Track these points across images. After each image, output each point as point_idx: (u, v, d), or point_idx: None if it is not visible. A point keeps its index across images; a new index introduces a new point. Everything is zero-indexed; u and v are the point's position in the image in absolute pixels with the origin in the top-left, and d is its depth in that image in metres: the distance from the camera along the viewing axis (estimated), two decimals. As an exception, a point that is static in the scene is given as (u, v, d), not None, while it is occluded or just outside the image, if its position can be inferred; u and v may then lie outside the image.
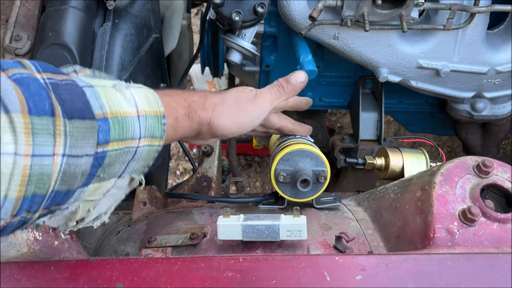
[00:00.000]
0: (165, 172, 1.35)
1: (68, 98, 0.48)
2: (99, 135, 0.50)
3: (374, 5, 0.89)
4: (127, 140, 0.54)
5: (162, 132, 0.58)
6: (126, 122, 0.54)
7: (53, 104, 0.46)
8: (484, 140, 1.31)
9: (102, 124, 0.51)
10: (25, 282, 0.56)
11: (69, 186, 0.49)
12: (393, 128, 2.16)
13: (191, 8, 1.53)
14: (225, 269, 0.56)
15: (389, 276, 0.55)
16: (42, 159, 0.45)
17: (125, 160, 0.55)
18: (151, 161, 0.59)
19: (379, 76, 1.06)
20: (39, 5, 0.87)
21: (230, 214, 0.66)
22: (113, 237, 0.80)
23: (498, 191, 0.65)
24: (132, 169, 0.57)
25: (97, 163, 0.51)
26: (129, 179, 0.58)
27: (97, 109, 0.51)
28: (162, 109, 0.59)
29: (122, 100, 0.54)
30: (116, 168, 0.55)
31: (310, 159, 0.73)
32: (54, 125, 0.46)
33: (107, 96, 0.53)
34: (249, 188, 2.10)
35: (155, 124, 0.57)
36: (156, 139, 0.58)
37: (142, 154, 0.57)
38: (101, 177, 0.53)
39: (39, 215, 0.49)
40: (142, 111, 0.56)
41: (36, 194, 0.46)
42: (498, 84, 1.09)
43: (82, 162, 0.49)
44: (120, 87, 0.56)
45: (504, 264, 0.55)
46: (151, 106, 0.57)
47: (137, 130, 0.55)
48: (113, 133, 0.52)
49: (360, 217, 0.75)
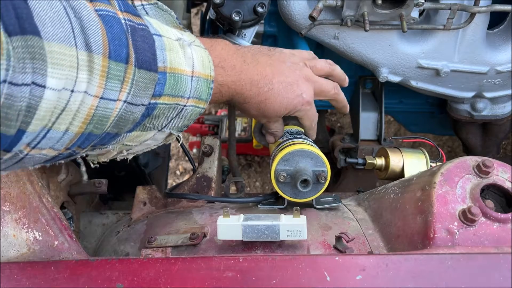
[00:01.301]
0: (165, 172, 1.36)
1: (141, 46, 0.50)
2: (156, 87, 0.52)
3: (374, 5, 0.89)
4: (178, 97, 0.56)
5: (208, 96, 0.60)
6: (181, 79, 0.55)
7: (129, 52, 0.48)
8: (484, 140, 1.31)
9: (161, 78, 0.53)
10: (25, 282, 0.56)
11: (118, 130, 0.52)
12: (393, 128, 2.16)
13: (191, 8, 1.53)
14: (225, 269, 0.56)
15: (389, 276, 0.55)
16: (108, 102, 0.47)
17: (170, 116, 0.57)
18: (191, 121, 0.61)
19: (379, 76, 1.06)
20: (39, 5, 0.87)
21: (230, 214, 0.66)
22: (113, 237, 0.80)
23: (498, 191, 0.65)
24: (174, 125, 0.59)
25: (147, 113, 0.53)
26: (167, 134, 0.60)
27: (160, 62, 0.53)
28: (212, 74, 0.60)
29: (182, 58, 0.56)
30: (160, 121, 0.57)
31: (310, 159, 0.73)
32: (125, 72, 0.48)
33: (171, 50, 0.54)
34: (249, 188, 2.10)
35: (203, 87, 0.59)
36: (201, 101, 0.60)
37: (186, 113, 0.59)
38: (146, 126, 0.55)
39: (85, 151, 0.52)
40: (196, 72, 0.58)
41: (92, 133, 0.48)
42: (498, 84, 1.09)
43: (137, 110, 0.51)
44: (183, 44, 0.57)
45: (504, 264, 0.55)
46: (205, 69, 0.59)
47: (188, 89, 0.57)
48: (168, 88, 0.54)
49: (360, 217, 0.75)
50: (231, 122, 1.52)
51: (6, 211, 0.64)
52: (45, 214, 0.66)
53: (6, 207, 0.64)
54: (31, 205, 0.66)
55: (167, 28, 0.57)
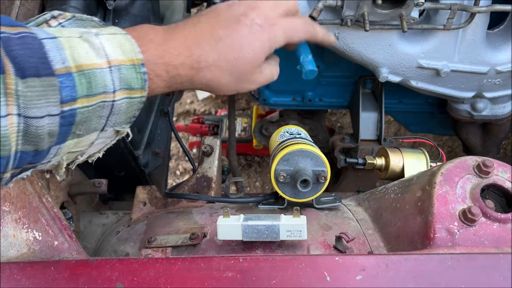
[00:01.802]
0: (165, 172, 1.36)
1: (21, 53, 0.44)
2: (62, 93, 0.46)
3: (374, 5, 0.89)
4: (99, 95, 0.50)
5: (142, 82, 0.53)
6: (94, 75, 0.49)
7: (2, 61, 0.43)
8: (484, 140, 1.31)
9: (65, 80, 0.47)
10: (25, 282, 0.56)
11: (36, 147, 0.47)
12: (393, 128, 2.16)
13: (191, 8, 1.53)
14: (225, 269, 0.56)
15: (389, 276, 0.55)
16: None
17: (103, 115, 0.51)
18: (135, 112, 0.55)
19: (379, 76, 1.06)
20: (39, 5, 0.87)
21: (230, 214, 0.66)
22: (113, 237, 0.80)
23: (498, 191, 0.65)
24: (114, 123, 0.54)
25: (66, 121, 0.48)
26: (113, 131, 0.55)
27: (58, 64, 0.47)
28: (140, 56, 0.53)
29: (89, 51, 0.49)
30: (93, 123, 0.51)
31: (310, 159, 0.73)
32: (4, 83, 0.43)
33: (71, 48, 0.48)
34: (249, 188, 2.10)
35: (131, 75, 0.52)
36: (135, 90, 0.53)
37: (122, 108, 0.52)
38: (77, 133, 0.50)
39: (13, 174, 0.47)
40: (114, 61, 0.51)
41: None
42: (498, 84, 1.09)
43: (45, 123, 0.46)
44: (88, 37, 0.50)
45: (504, 264, 0.55)
46: (126, 55, 0.52)
47: (109, 83, 0.50)
48: (80, 89, 0.48)
49: (360, 217, 0.75)
50: (231, 122, 1.52)
51: (6, 211, 0.64)
52: (45, 214, 0.66)
53: (6, 207, 0.64)
54: (31, 205, 0.66)
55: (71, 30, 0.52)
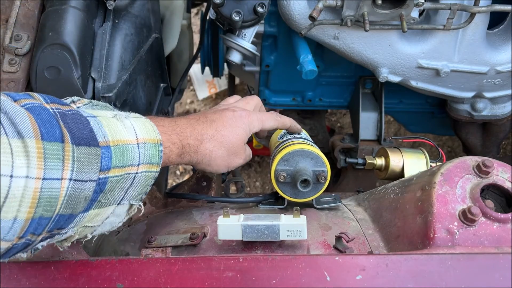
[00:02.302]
0: (165, 172, 1.36)
1: (75, 126, 0.52)
2: (102, 162, 0.53)
3: (374, 5, 0.89)
4: (127, 166, 0.57)
5: (159, 159, 0.62)
6: (127, 149, 0.57)
7: (62, 132, 0.49)
8: (484, 140, 1.31)
9: (105, 151, 0.54)
10: (25, 282, 0.56)
11: (72, 210, 0.51)
12: (393, 128, 2.16)
13: (191, 8, 1.53)
14: (225, 269, 0.56)
15: (389, 276, 0.55)
16: (52, 182, 0.47)
17: (124, 187, 0.58)
18: (148, 188, 0.62)
19: (379, 76, 1.06)
20: (39, 5, 0.87)
21: (230, 214, 0.66)
22: (113, 237, 0.80)
23: (498, 191, 0.65)
24: (131, 196, 0.60)
25: (98, 188, 0.54)
26: (127, 206, 0.60)
27: (101, 138, 0.54)
28: (159, 138, 0.62)
29: (123, 129, 0.58)
30: (115, 194, 0.57)
31: (310, 159, 0.73)
32: (63, 150, 0.49)
33: (109, 126, 0.56)
34: (249, 188, 2.10)
35: (153, 152, 0.60)
36: (153, 165, 0.61)
37: (140, 180, 0.59)
38: (101, 202, 0.56)
39: (42, 239, 0.51)
40: (141, 139, 0.59)
41: (43, 217, 0.48)
42: (498, 84, 1.09)
43: (86, 187, 0.52)
44: (120, 117, 0.59)
45: (504, 264, 0.55)
46: (149, 135, 0.61)
47: (136, 157, 0.58)
48: (115, 160, 0.55)
49: (360, 217, 0.75)
50: (231, 122, 1.52)
51: (6, 211, 0.64)
52: (45, 214, 0.66)
53: (6, 207, 0.64)
54: (31, 205, 0.66)
55: (101, 111, 0.60)
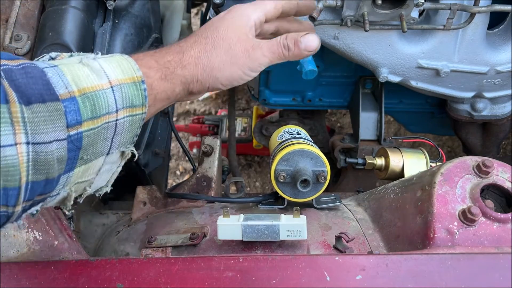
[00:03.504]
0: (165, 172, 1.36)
1: (23, 82, 0.45)
2: (67, 117, 0.47)
3: (374, 5, 0.89)
4: (103, 116, 0.51)
5: (143, 99, 0.54)
6: (97, 97, 0.50)
7: (6, 91, 0.43)
8: (484, 140, 1.31)
9: (69, 104, 0.48)
10: (25, 282, 0.56)
11: (46, 175, 0.47)
12: (393, 128, 2.16)
13: (191, 8, 1.53)
14: (225, 269, 0.56)
15: (389, 276, 0.55)
16: (4, 150, 0.43)
17: (108, 137, 0.52)
18: (137, 130, 0.56)
19: (379, 76, 1.06)
20: (39, 5, 0.87)
21: (230, 214, 0.66)
22: (113, 237, 0.80)
23: (498, 191, 0.65)
24: (119, 143, 0.54)
25: (74, 146, 0.49)
26: (119, 153, 0.55)
27: (62, 89, 0.48)
28: (139, 74, 0.54)
29: (90, 74, 0.51)
30: (99, 147, 0.52)
31: (310, 159, 0.73)
32: (10, 112, 0.43)
33: (72, 73, 0.49)
34: (249, 188, 2.10)
35: (133, 92, 0.53)
36: (137, 107, 0.54)
37: (125, 126, 0.53)
38: (85, 159, 0.51)
39: (24, 208, 0.47)
40: (115, 81, 0.52)
41: (8, 187, 0.44)
42: (498, 84, 1.09)
43: (53, 148, 0.46)
44: (87, 61, 0.52)
45: (504, 264, 0.55)
46: (126, 73, 0.53)
47: (111, 103, 0.51)
48: (85, 111, 0.49)
49: (360, 217, 0.75)
50: (231, 122, 1.52)
51: (6, 211, 0.64)
52: (45, 214, 0.66)
53: (6, 207, 0.64)
54: (31, 205, 0.66)
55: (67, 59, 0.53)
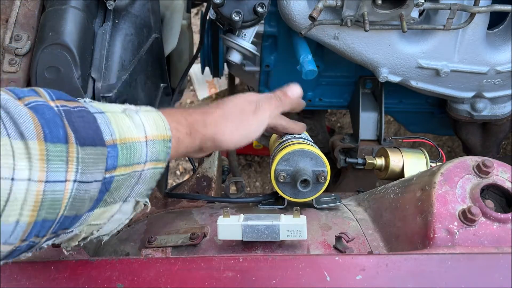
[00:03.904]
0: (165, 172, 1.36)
1: (80, 125, 0.50)
2: (107, 161, 0.52)
3: (374, 5, 0.89)
4: (134, 165, 0.55)
5: (166, 155, 0.60)
6: (134, 147, 0.55)
7: (66, 132, 0.47)
8: (484, 140, 1.31)
9: (111, 150, 0.52)
10: (25, 282, 0.56)
11: (77, 211, 0.50)
12: (393, 128, 2.16)
13: (191, 8, 1.53)
14: (225, 269, 0.56)
15: (389, 276, 0.55)
16: (55, 185, 0.46)
17: (131, 184, 0.56)
18: (154, 183, 0.60)
19: (379, 76, 1.06)
20: (39, 5, 0.87)
21: (230, 214, 0.66)
22: (113, 237, 0.80)
23: (498, 191, 0.65)
24: (137, 193, 0.58)
25: (104, 188, 0.53)
26: (133, 202, 0.59)
27: (107, 136, 0.52)
28: (169, 134, 0.60)
29: (132, 126, 0.56)
30: (121, 192, 0.56)
31: (310, 159, 0.73)
32: (67, 151, 0.47)
33: (117, 122, 0.54)
34: (249, 188, 2.10)
35: (161, 148, 0.58)
36: (160, 162, 0.59)
37: (146, 177, 0.58)
38: (107, 201, 0.55)
39: (46, 239, 0.50)
40: (150, 136, 0.57)
41: (46, 220, 0.47)
42: (498, 84, 1.09)
43: (91, 188, 0.50)
44: (129, 113, 0.57)
45: (504, 264, 0.55)
46: (159, 130, 0.58)
47: (143, 155, 0.56)
48: (121, 159, 0.53)
49: (360, 217, 0.75)
50: (231, 122, 1.52)
51: (6, 211, 0.64)
52: (45, 214, 0.66)
53: (6, 207, 0.64)
54: (31, 205, 0.66)
55: (111, 105, 0.58)
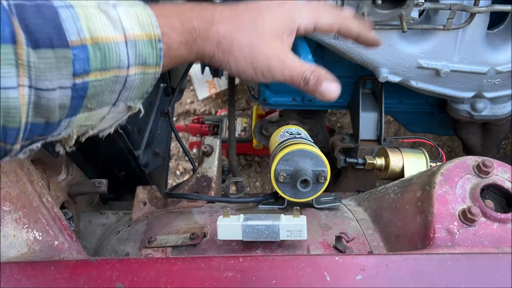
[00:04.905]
0: (165, 172, 1.36)
1: (34, 22, 0.43)
2: (75, 65, 0.45)
3: (374, 5, 0.89)
4: (112, 69, 0.48)
5: (158, 59, 0.52)
6: (110, 48, 0.48)
7: (15, 31, 0.41)
8: (484, 140, 1.31)
9: (78, 53, 0.45)
10: (25, 282, 0.56)
11: (47, 119, 0.46)
12: (393, 128, 2.16)
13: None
14: (225, 269, 0.56)
15: (389, 276, 0.55)
16: (6, 91, 0.42)
17: (115, 90, 0.50)
18: (148, 88, 0.54)
19: (379, 76, 1.06)
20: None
21: (230, 214, 0.66)
22: (113, 237, 0.80)
23: (498, 191, 0.65)
24: (126, 97, 0.52)
25: (77, 94, 0.47)
26: (125, 106, 0.54)
27: (74, 35, 0.45)
28: (157, 32, 0.51)
29: (107, 23, 0.48)
30: (105, 98, 0.50)
31: (310, 159, 0.73)
32: (15, 54, 0.41)
33: (87, 19, 0.46)
34: (249, 188, 2.10)
35: (147, 50, 0.51)
36: (150, 66, 0.52)
37: (135, 83, 0.51)
38: (89, 107, 0.49)
39: (23, 146, 0.47)
40: (130, 36, 0.49)
41: (7, 127, 0.43)
42: (498, 84, 1.09)
43: (55, 96, 0.45)
44: (106, 7, 0.49)
45: (504, 264, 0.55)
46: (144, 29, 0.50)
47: (124, 57, 0.49)
48: (94, 62, 0.47)
49: (360, 217, 0.75)
50: (231, 122, 1.52)
51: (6, 211, 0.64)
52: (45, 214, 0.66)
53: (6, 207, 0.64)
54: (31, 205, 0.66)
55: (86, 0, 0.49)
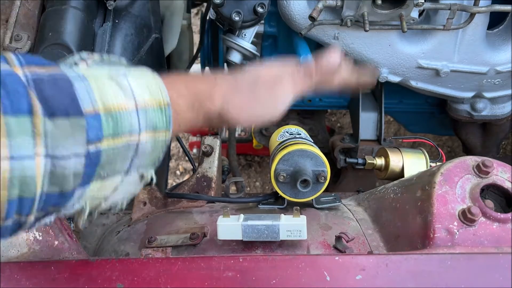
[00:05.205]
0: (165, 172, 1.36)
1: (51, 94, 0.45)
2: (88, 132, 0.47)
3: (374, 5, 0.89)
4: (124, 135, 0.50)
5: (167, 124, 0.54)
6: (121, 116, 0.50)
7: (31, 103, 0.43)
8: (484, 140, 1.31)
9: (92, 121, 0.47)
10: (25, 282, 0.56)
11: (61, 188, 0.47)
12: (393, 128, 2.16)
13: (191, 8, 1.53)
14: (225, 269, 0.56)
15: (389, 276, 0.55)
16: (22, 161, 0.43)
17: (127, 156, 0.52)
18: (160, 154, 0.56)
19: (379, 76, 1.06)
20: (39, 5, 0.87)
21: (230, 214, 0.66)
22: (113, 237, 0.80)
23: (498, 191, 0.65)
24: (139, 165, 0.54)
25: (90, 162, 0.48)
26: (138, 175, 0.55)
27: (87, 105, 0.47)
28: (166, 99, 0.54)
29: (118, 92, 0.50)
30: (118, 165, 0.52)
31: (310, 159, 0.73)
32: (32, 123, 0.43)
33: (100, 89, 0.49)
34: (249, 188, 2.10)
35: (158, 116, 0.53)
36: (160, 131, 0.54)
37: (147, 149, 0.53)
38: (102, 175, 0.51)
39: (36, 218, 0.48)
40: (141, 103, 0.51)
41: (23, 197, 0.44)
42: (498, 84, 1.09)
43: (70, 163, 0.46)
44: (116, 77, 0.51)
45: (504, 264, 0.55)
46: (153, 96, 0.53)
47: (135, 124, 0.51)
48: (107, 129, 0.49)
49: (360, 217, 0.75)
50: (231, 122, 1.52)
51: (6, 211, 0.64)
52: (45, 214, 0.66)
53: (6, 207, 0.64)
54: (31, 205, 0.66)
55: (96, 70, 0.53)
